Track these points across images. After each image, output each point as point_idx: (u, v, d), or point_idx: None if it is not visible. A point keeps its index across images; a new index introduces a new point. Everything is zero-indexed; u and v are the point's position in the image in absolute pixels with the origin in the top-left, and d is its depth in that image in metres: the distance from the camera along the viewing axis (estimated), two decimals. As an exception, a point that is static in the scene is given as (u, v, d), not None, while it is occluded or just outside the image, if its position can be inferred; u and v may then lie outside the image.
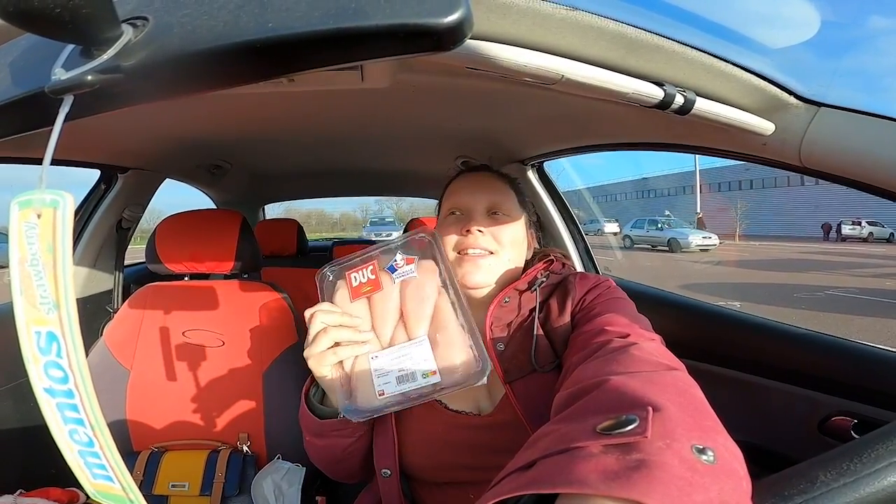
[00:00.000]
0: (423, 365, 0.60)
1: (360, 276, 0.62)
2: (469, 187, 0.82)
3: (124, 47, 0.30)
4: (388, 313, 0.62)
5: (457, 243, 0.77)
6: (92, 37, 0.29)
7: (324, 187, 2.70)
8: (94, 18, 0.28)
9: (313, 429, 0.70)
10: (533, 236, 0.85)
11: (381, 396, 0.60)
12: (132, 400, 1.16)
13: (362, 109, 1.07)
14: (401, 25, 0.27)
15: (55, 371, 0.31)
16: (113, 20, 0.29)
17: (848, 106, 0.62)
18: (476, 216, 0.78)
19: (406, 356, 0.61)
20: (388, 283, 0.63)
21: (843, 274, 11.20)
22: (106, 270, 1.51)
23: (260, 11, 0.28)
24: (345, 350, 0.60)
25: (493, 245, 0.76)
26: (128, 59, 0.30)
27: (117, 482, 0.36)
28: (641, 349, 0.51)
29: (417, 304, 0.62)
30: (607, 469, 0.30)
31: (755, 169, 8.08)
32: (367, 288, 0.62)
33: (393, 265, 0.63)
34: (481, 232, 0.75)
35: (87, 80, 0.29)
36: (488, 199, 0.79)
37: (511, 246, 0.78)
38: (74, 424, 0.34)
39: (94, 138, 1.16)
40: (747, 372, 1.00)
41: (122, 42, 0.30)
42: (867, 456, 0.34)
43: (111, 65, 0.29)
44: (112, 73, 0.29)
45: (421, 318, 0.62)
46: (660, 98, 0.55)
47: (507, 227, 0.78)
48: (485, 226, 0.76)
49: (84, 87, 0.30)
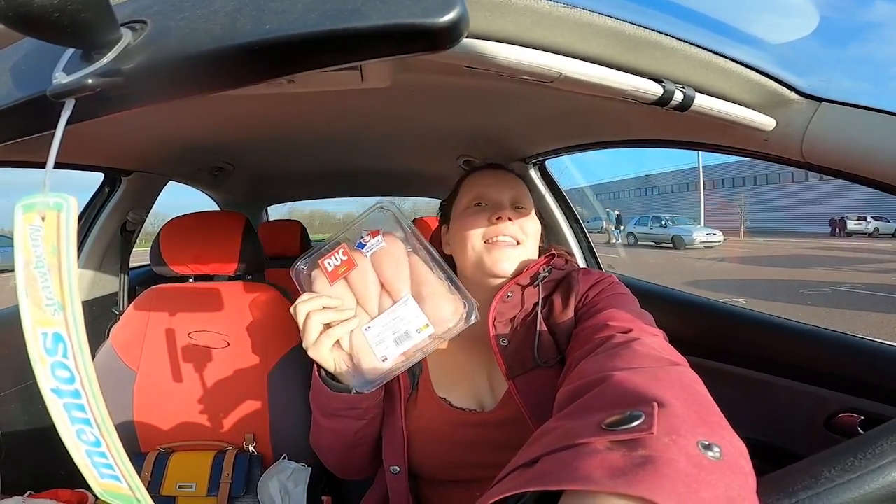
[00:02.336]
0: (415, 322, 0.63)
1: (334, 261, 0.64)
2: (492, 179, 0.83)
3: (124, 51, 0.30)
4: (368, 286, 0.63)
5: (485, 232, 0.77)
6: (91, 40, 0.29)
7: (326, 188, 2.71)
8: (92, 22, 0.28)
9: (326, 407, 0.70)
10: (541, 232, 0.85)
11: (385, 362, 0.63)
12: (139, 401, 1.17)
13: (363, 109, 1.07)
14: (397, 26, 0.27)
15: (62, 371, 0.32)
16: (112, 24, 0.29)
17: (849, 101, 0.62)
18: (504, 207, 0.79)
19: (397, 319, 0.63)
20: (360, 259, 0.64)
21: (849, 270, 11.11)
22: (111, 273, 1.52)
23: (257, 14, 0.29)
24: (337, 329, 0.61)
25: (520, 234, 0.77)
26: (127, 63, 0.30)
27: (125, 482, 0.37)
28: (644, 344, 0.51)
29: (394, 269, 0.64)
30: (613, 465, 0.30)
31: (758, 165, 8.03)
32: (343, 269, 0.64)
33: (361, 242, 0.65)
34: (511, 219, 0.76)
35: (87, 83, 0.30)
36: (512, 192, 0.81)
37: (533, 238, 0.80)
38: (81, 424, 0.34)
39: (98, 141, 1.17)
40: (753, 369, 1.00)
41: (121, 45, 0.30)
42: (871, 452, 0.34)
43: (111, 68, 0.30)
44: (112, 77, 0.30)
45: (400, 280, 0.63)
46: (659, 95, 0.55)
47: (530, 219, 0.80)
48: (512, 217, 0.77)
49: (85, 91, 0.30)
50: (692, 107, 0.57)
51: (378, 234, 0.65)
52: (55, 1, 0.25)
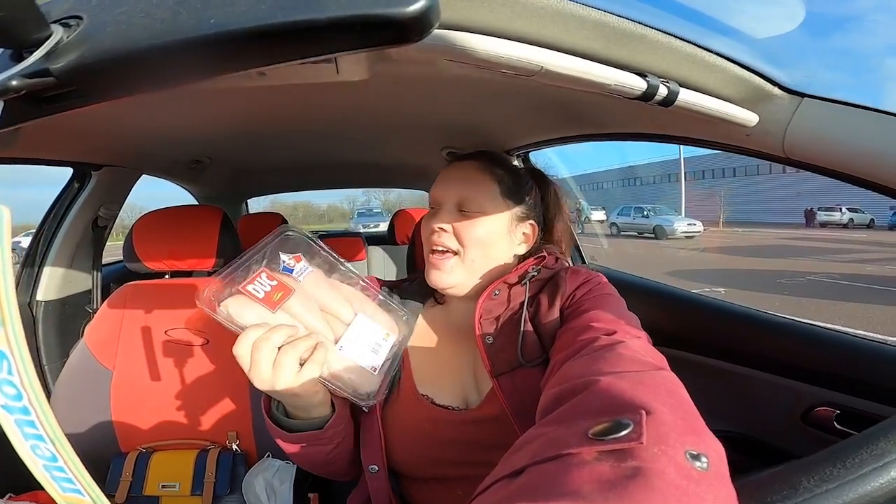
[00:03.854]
0: (378, 332, 0.64)
1: (263, 287, 0.58)
2: (443, 180, 0.79)
3: (54, 48, 0.28)
4: (312, 310, 0.61)
5: (426, 241, 0.76)
6: (18, 39, 0.27)
7: (308, 181, 2.66)
8: (15, 21, 0.26)
9: (287, 443, 0.67)
10: (534, 230, 0.80)
11: (376, 371, 0.62)
12: (116, 400, 1.14)
13: (343, 102, 1.04)
14: (359, 17, 0.25)
15: (8, 388, 0.30)
16: (38, 21, 0.27)
17: (831, 97, 0.62)
18: (443, 212, 0.75)
19: (360, 334, 0.63)
20: (294, 283, 0.60)
21: (824, 260, 11.43)
22: (83, 270, 1.48)
23: (202, 7, 0.27)
24: (318, 355, 0.57)
25: (454, 244, 0.74)
26: (56, 61, 0.28)
27: (86, 495, 0.35)
28: (628, 347, 0.50)
29: (329, 292, 0.63)
30: (602, 478, 0.29)
31: (739, 157, 8.25)
32: (279, 295, 0.59)
33: (286, 266, 0.62)
34: (443, 230, 0.74)
35: (11, 84, 0.27)
36: (458, 194, 0.76)
37: (475, 245, 0.74)
38: (35, 440, 0.33)
39: (65, 136, 1.12)
40: (731, 362, 1.01)
41: (50, 43, 0.27)
42: (850, 461, 0.34)
43: (38, 68, 0.27)
44: (40, 77, 0.27)
45: (339, 302, 0.63)
46: (643, 89, 0.54)
47: (472, 225, 0.74)
48: (450, 222, 0.74)
49: (10, 93, 0.28)
50: (676, 102, 0.57)
51: (301, 258, 0.63)
52: None
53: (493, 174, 0.78)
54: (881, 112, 0.59)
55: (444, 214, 0.75)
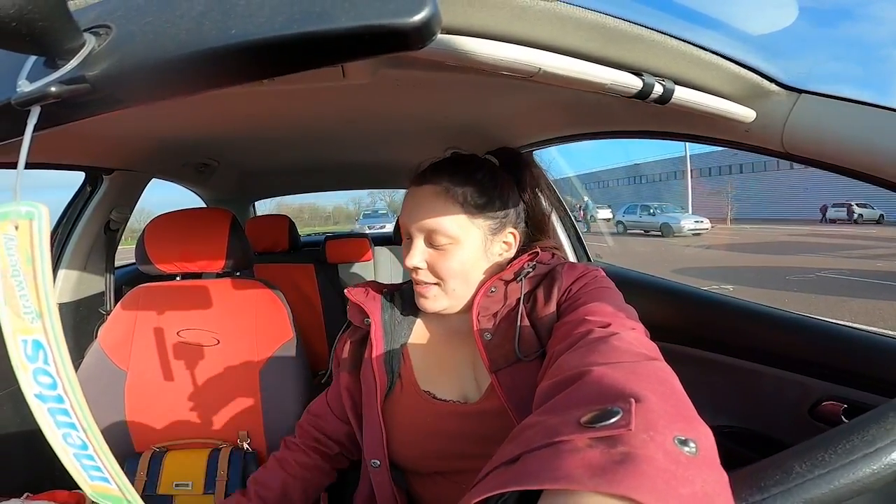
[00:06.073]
0: None
1: None
2: (407, 209, 0.77)
3: (87, 57, 0.29)
4: None
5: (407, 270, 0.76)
6: (54, 47, 0.29)
7: (314, 182, 2.69)
8: (51, 30, 0.27)
9: None
10: (515, 235, 0.79)
11: None
12: (131, 401, 1.16)
13: (348, 104, 1.06)
14: (366, 27, 0.27)
15: (44, 378, 0.31)
16: (73, 30, 0.29)
17: (829, 92, 0.63)
18: (415, 249, 0.74)
19: None
20: None
21: (834, 256, 11.29)
22: (97, 273, 1.50)
23: (223, 18, 0.28)
24: None
25: (432, 278, 0.75)
26: (91, 69, 0.29)
27: (114, 483, 0.37)
28: (622, 339, 0.51)
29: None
30: (593, 463, 0.30)
31: (743, 153, 8.17)
32: None
33: None
34: (419, 268, 0.74)
35: (51, 91, 0.29)
36: (424, 227, 0.74)
37: (453, 277, 0.74)
38: (67, 428, 0.34)
39: (78, 140, 1.15)
40: (738, 357, 1.01)
41: (84, 51, 0.29)
42: (842, 447, 0.34)
43: (75, 75, 0.29)
44: (77, 84, 0.29)
45: None
46: (638, 88, 0.55)
47: (445, 259, 0.73)
48: (423, 259, 0.74)
49: (49, 98, 0.29)
50: (672, 100, 0.58)
51: None
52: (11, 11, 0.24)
53: (455, 197, 0.74)
54: (878, 107, 0.59)
55: (415, 252, 0.74)
